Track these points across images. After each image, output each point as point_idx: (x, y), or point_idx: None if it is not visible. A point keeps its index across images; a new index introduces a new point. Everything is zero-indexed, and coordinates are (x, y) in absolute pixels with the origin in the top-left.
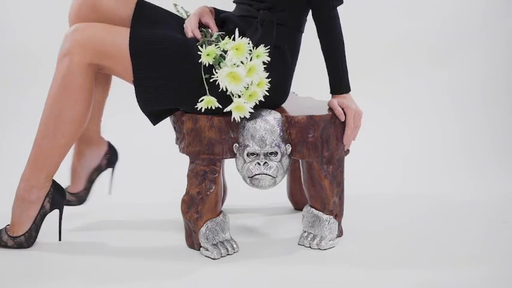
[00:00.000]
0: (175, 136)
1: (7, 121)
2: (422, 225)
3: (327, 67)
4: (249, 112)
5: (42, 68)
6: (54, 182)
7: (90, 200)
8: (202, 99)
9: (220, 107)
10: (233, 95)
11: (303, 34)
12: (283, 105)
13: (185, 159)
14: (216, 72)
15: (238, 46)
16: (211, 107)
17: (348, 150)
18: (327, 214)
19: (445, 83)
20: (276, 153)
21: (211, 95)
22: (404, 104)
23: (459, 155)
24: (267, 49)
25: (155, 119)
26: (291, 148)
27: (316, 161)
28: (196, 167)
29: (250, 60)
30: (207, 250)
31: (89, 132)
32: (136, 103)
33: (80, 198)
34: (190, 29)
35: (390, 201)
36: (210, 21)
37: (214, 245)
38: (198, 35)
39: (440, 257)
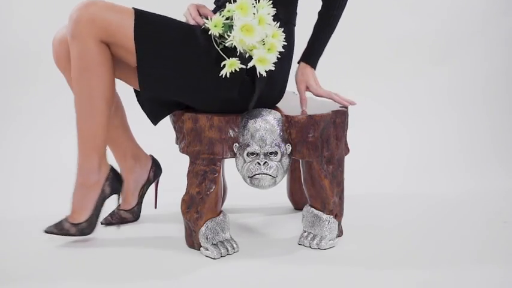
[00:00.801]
0: (175, 136)
1: (7, 121)
2: (423, 225)
3: (310, 39)
4: (273, 65)
5: (42, 67)
6: (112, 167)
7: None
8: (225, 65)
9: (244, 66)
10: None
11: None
12: (283, 105)
13: (185, 159)
14: (228, 36)
15: (241, 6)
16: (235, 70)
17: (348, 150)
18: (327, 214)
19: (446, 83)
20: (276, 153)
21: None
22: (405, 103)
23: (459, 155)
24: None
25: (154, 117)
26: (291, 148)
27: (316, 160)
28: (196, 167)
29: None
30: (207, 250)
31: (132, 149)
32: (136, 103)
33: (135, 214)
34: (192, 16)
35: (390, 201)
36: (208, 12)
37: (215, 244)
38: (201, 21)
39: (440, 257)
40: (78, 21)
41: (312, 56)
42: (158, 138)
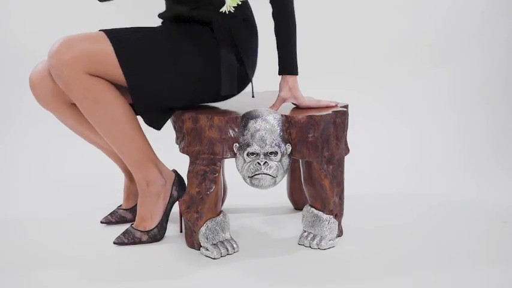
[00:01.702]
0: (175, 136)
1: (7, 121)
2: (423, 225)
3: (278, 48)
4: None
5: None
6: (176, 172)
7: (90, 200)
8: (224, 4)
9: None
10: None
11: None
12: (283, 105)
13: (185, 159)
14: None
15: None
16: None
17: (348, 150)
18: (327, 214)
19: (446, 83)
20: (276, 153)
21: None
22: (405, 103)
23: (460, 155)
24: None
25: (157, 124)
26: (291, 148)
27: (316, 160)
28: (197, 167)
29: None
30: (207, 250)
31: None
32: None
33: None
34: None
35: (390, 201)
36: None
37: (214, 244)
38: None
39: (441, 257)
40: (62, 64)
41: (291, 64)
42: (158, 138)
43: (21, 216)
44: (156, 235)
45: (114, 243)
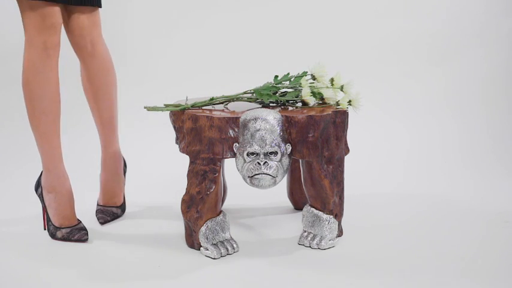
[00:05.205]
0: (175, 136)
1: (7, 121)
2: (423, 224)
3: None
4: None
5: None
6: None
7: (91, 199)
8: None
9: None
10: None
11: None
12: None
13: (185, 159)
14: None
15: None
16: None
17: (348, 150)
18: (327, 214)
19: (445, 83)
20: (276, 153)
21: None
22: (404, 104)
23: (459, 155)
24: None
25: None
26: (291, 148)
27: (316, 160)
28: (196, 167)
29: None
30: (207, 250)
31: None
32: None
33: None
34: None
35: (390, 201)
36: None
37: (214, 244)
38: None
39: (440, 257)
40: None
41: None
42: (158, 138)
43: (21, 216)
44: (124, 207)
45: (101, 223)
